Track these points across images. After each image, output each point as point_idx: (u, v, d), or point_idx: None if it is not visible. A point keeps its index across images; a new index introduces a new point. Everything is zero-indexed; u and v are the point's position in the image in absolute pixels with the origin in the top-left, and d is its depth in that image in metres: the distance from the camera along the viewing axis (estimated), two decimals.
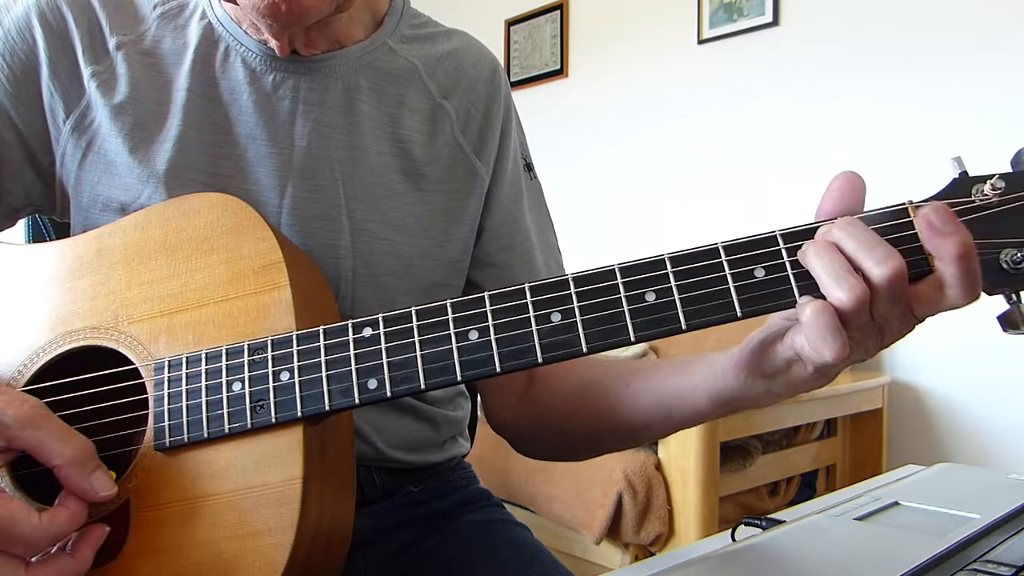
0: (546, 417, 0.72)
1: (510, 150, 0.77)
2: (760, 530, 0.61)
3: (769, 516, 0.65)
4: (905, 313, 0.45)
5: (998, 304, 0.45)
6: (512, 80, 3.23)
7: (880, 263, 0.42)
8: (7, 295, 0.60)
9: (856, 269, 0.43)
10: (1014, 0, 2.01)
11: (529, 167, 0.81)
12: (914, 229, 0.44)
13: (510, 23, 3.31)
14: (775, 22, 2.48)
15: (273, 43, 0.66)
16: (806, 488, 2.18)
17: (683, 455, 1.72)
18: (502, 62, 2.51)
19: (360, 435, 0.69)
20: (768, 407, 1.83)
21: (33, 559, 0.46)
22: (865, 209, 0.46)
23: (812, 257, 0.44)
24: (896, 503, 0.66)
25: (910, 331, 0.46)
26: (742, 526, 0.64)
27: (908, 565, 0.49)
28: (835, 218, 0.46)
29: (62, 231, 0.85)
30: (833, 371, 0.47)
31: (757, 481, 1.93)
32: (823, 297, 0.44)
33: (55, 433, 0.47)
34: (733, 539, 0.62)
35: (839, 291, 0.42)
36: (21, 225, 0.79)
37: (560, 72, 3.13)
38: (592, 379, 0.68)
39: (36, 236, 0.89)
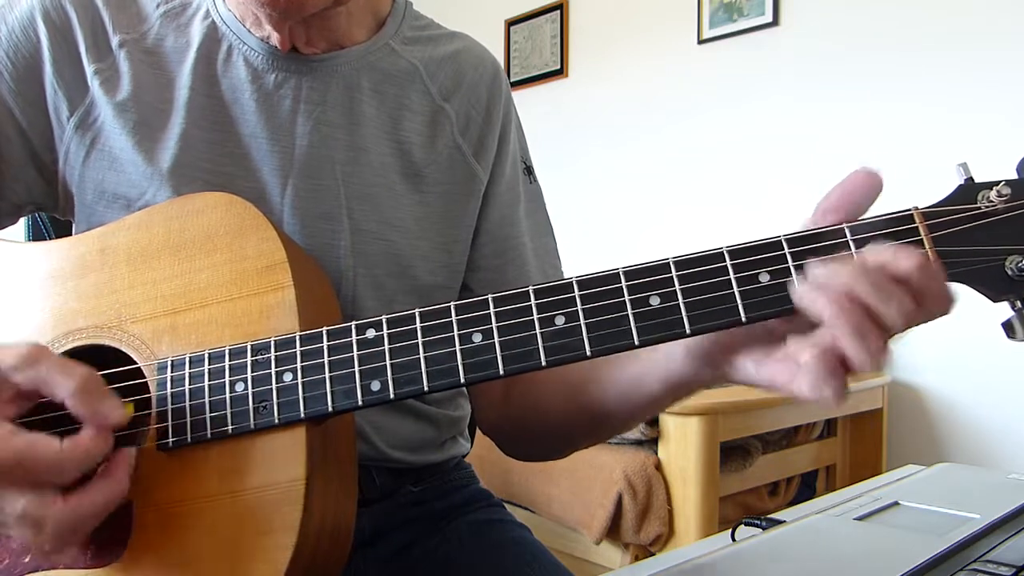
0: (521, 417, 0.73)
1: (509, 153, 0.78)
2: (760, 530, 0.62)
3: (769, 516, 0.65)
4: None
5: (1001, 309, 0.46)
6: (512, 80, 3.23)
7: (901, 313, 0.42)
8: (10, 293, 0.60)
9: (874, 319, 0.42)
10: (1014, 0, 2.01)
11: (529, 171, 0.81)
12: (920, 236, 0.44)
13: (510, 23, 3.31)
14: (775, 22, 2.48)
15: (275, 37, 0.66)
16: (806, 488, 2.18)
17: (683, 455, 1.72)
18: (502, 62, 2.51)
19: (360, 435, 0.69)
20: (768, 407, 1.83)
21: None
22: (870, 214, 0.46)
23: (834, 310, 0.42)
24: (896, 503, 0.66)
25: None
26: (742, 526, 0.64)
27: (908, 565, 0.49)
28: (839, 224, 0.45)
29: (61, 230, 0.85)
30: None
31: (757, 481, 1.94)
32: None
33: (57, 367, 0.47)
34: (733, 539, 0.62)
35: (861, 351, 0.42)
36: (21, 224, 0.79)
37: (560, 72, 3.13)
38: (558, 375, 0.68)
39: (35, 235, 0.89)
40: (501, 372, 0.48)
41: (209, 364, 0.52)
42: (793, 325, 0.45)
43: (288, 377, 0.51)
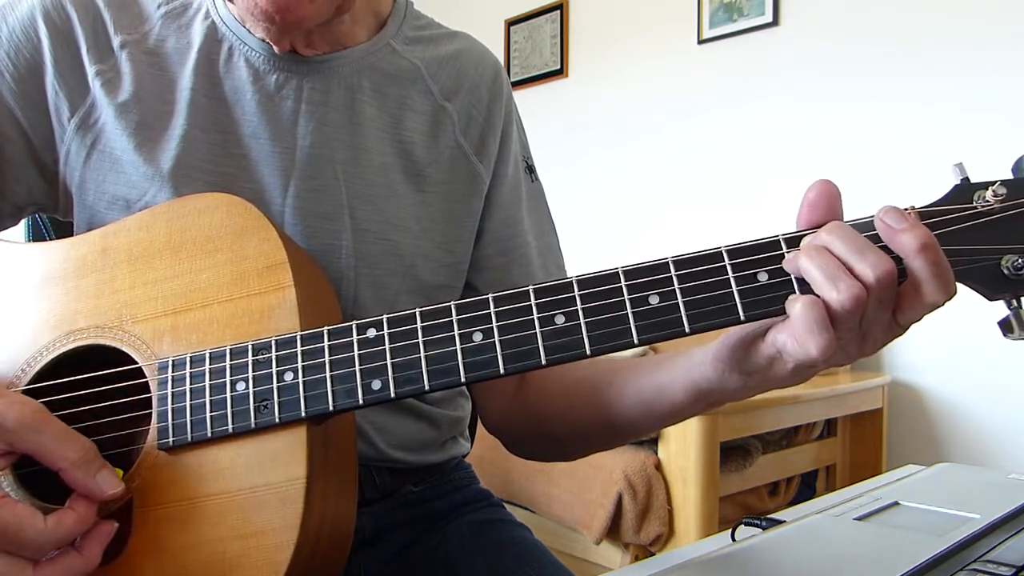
0: (535, 419, 0.73)
1: (511, 153, 0.78)
2: (760, 530, 0.62)
3: (769, 516, 0.65)
4: (890, 322, 0.45)
5: (998, 308, 0.46)
6: (512, 80, 3.23)
7: (872, 266, 0.43)
8: (11, 293, 0.60)
9: (848, 271, 0.43)
10: (1014, 0, 2.01)
11: (531, 169, 0.81)
12: None
13: (510, 23, 3.31)
14: (775, 22, 2.48)
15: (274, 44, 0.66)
16: (806, 488, 2.18)
17: (683, 455, 1.72)
18: (502, 62, 2.50)
19: (361, 435, 0.69)
20: (768, 407, 1.83)
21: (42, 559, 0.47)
22: (854, 216, 0.47)
23: (804, 260, 0.44)
24: (896, 503, 0.66)
25: (891, 340, 0.47)
26: (742, 526, 0.64)
27: (908, 565, 0.49)
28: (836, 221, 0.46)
29: (62, 230, 0.85)
30: (810, 371, 0.48)
31: (757, 481, 1.93)
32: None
33: (57, 436, 0.48)
34: (733, 539, 0.62)
35: (833, 291, 0.43)
36: (21, 225, 0.79)
37: (560, 72, 3.13)
38: (578, 380, 0.68)
39: (36, 235, 0.89)
40: (502, 371, 0.48)
41: (210, 364, 0.52)
42: None
43: (289, 376, 0.51)
